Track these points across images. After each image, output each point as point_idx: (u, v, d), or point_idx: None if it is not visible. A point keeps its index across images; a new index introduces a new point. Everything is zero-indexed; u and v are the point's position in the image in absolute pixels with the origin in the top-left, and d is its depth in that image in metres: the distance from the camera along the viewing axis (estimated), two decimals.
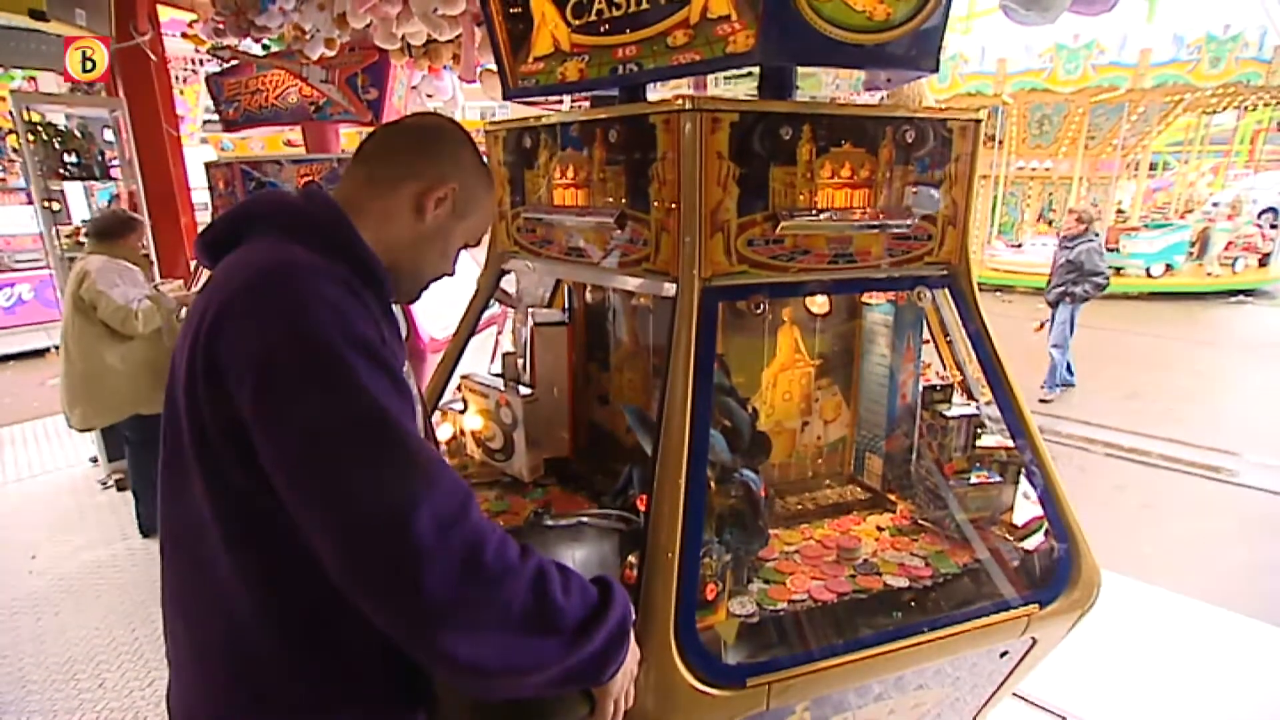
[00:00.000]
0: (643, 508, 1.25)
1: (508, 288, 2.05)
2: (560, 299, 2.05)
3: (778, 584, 1.32)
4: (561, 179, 1.47)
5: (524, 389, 1.69)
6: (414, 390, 0.96)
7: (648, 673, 1.04)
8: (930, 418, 1.55)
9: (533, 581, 0.79)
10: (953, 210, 1.39)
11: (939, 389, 1.58)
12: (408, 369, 1.01)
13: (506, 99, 1.65)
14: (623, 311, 1.72)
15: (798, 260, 1.28)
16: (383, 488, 0.73)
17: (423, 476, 0.75)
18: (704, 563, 1.17)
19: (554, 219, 1.51)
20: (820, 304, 1.60)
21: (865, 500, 1.63)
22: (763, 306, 1.29)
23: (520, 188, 1.61)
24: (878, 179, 1.30)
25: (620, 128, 1.30)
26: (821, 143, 1.24)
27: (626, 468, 1.52)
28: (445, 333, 3.23)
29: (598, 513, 1.42)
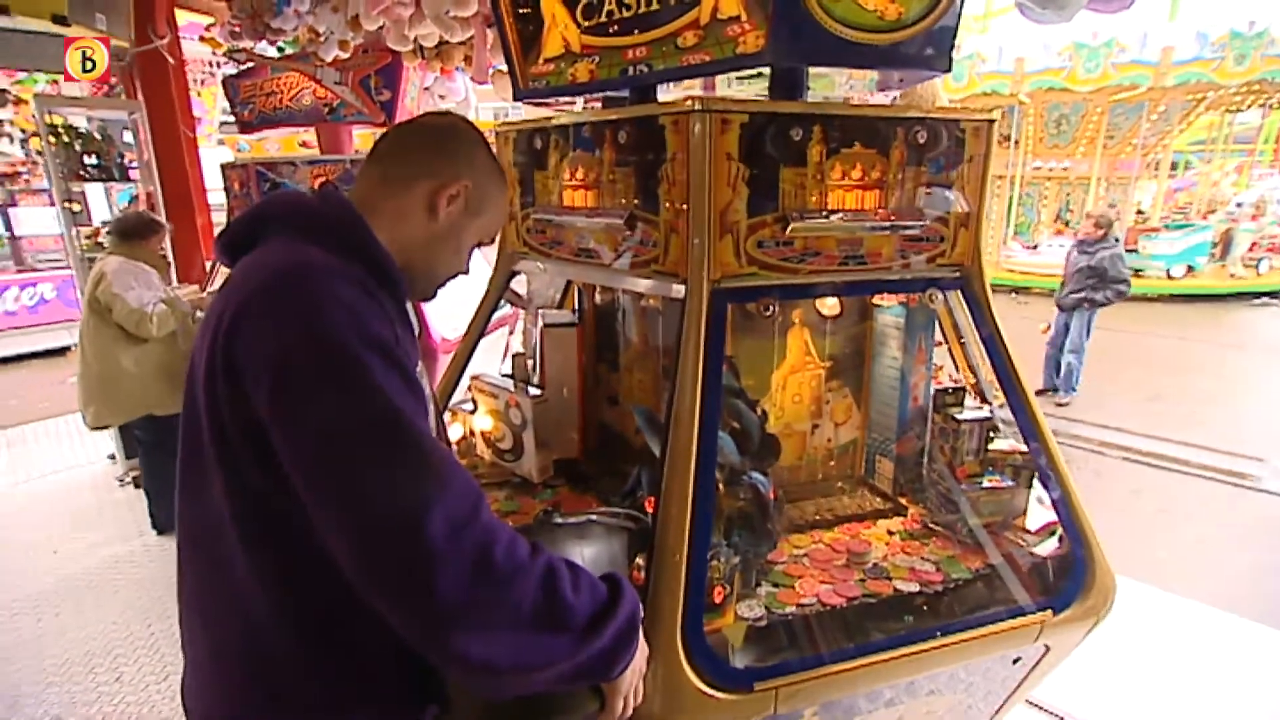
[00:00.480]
0: (651, 510, 1.25)
1: (519, 289, 2.05)
2: (571, 300, 2.05)
3: (786, 588, 1.31)
4: (571, 180, 1.47)
5: (533, 390, 1.69)
6: (427, 390, 0.96)
7: (655, 675, 1.04)
8: (942, 421, 1.54)
9: (542, 579, 0.79)
10: (965, 211, 1.37)
11: (951, 392, 1.56)
12: (421, 369, 1.01)
13: (516, 100, 1.66)
14: (632, 312, 1.72)
15: (808, 262, 1.27)
16: (396, 489, 0.73)
17: (435, 478, 0.75)
18: (712, 565, 1.17)
19: (564, 220, 1.51)
20: (831, 306, 1.59)
21: (876, 504, 1.62)
22: (772, 308, 1.28)
23: (530, 189, 1.62)
24: (889, 180, 1.29)
25: (630, 129, 1.29)
26: (832, 144, 1.23)
27: (635, 469, 1.52)
28: (456, 333, 3.24)
29: (606, 511, 1.42)
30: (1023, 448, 1.45)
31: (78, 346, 3.20)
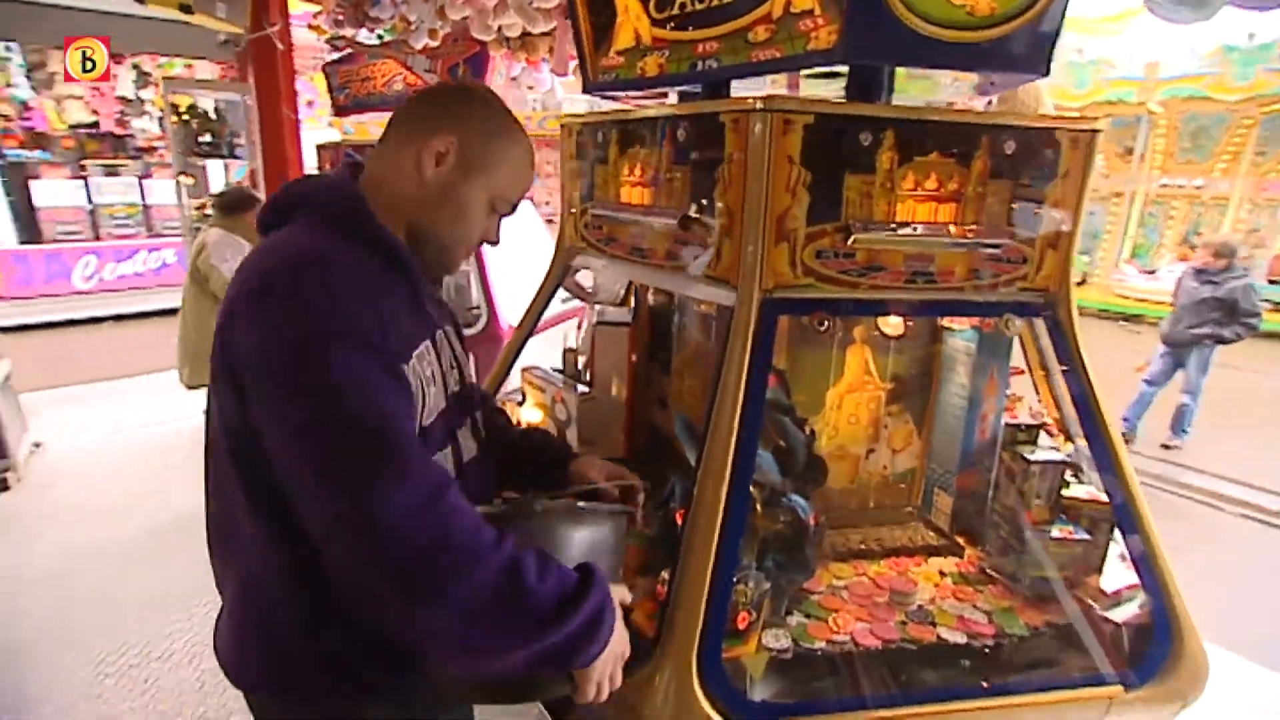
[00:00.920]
0: (680, 522, 1.20)
1: (584, 283, 2.04)
2: (631, 298, 2.02)
3: (819, 620, 1.23)
4: (630, 176, 1.43)
5: (581, 387, 1.68)
6: (438, 374, 0.97)
7: (665, 691, 1.00)
8: (1010, 459, 1.40)
9: (506, 564, 0.80)
10: (1055, 231, 1.24)
11: (1024, 428, 1.42)
12: (445, 348, 1.01)
13: (585, 92, 1.63)
14: (688, 315, 1.67)
15: (870, 276, 1.18)
16: (355, 480, 0.76)
17: (392, 467, 0.77)
18: (738, 589, 1.11)
19: (619, 217, 1.48)
20: (894, 325, 1.48)
21: (929, 539, 1.50)
22: (827, 323, 1.20)
23: (591, 183, 1.59)
24: (968, 193, 1.18)
25: (689, 126, 1.24)
26: (906, 150, 1.13)
27: (671, 479, 1.47)
28: None
29: (587, 495, 1.35)
30: (1102, 497, 1.30)
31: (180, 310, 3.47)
